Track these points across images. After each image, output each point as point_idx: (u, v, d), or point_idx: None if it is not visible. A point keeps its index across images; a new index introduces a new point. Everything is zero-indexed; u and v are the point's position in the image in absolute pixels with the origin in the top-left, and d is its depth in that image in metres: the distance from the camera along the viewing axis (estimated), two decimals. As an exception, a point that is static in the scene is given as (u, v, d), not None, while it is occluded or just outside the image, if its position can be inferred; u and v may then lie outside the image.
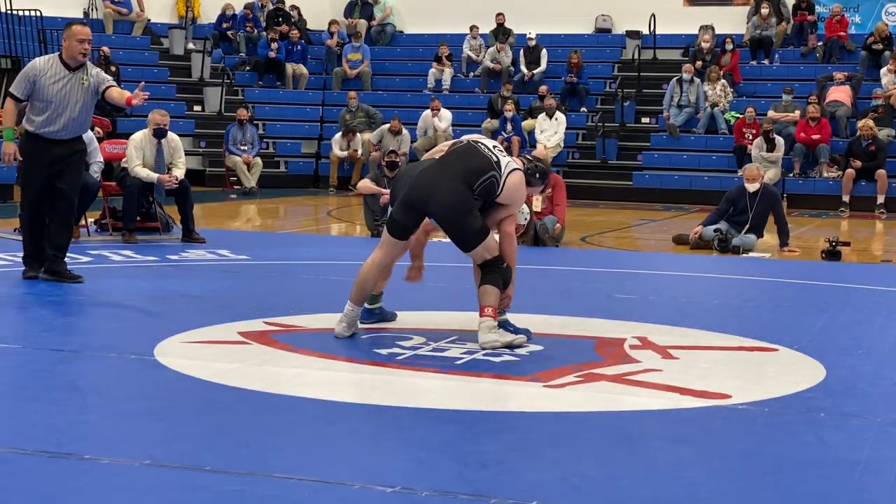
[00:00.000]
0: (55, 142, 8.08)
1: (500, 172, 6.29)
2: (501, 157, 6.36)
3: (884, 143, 17.42)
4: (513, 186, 6.34)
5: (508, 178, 6.31)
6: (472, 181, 6.23)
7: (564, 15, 22.73)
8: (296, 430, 4.61)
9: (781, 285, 9.41)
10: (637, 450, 4.42)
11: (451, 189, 6.21)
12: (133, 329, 6.76)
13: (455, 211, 6.21)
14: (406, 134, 18.54)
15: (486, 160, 6.30)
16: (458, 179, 6.24)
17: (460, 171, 6.27)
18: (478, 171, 6.25)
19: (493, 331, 6.21)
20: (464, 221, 6.21)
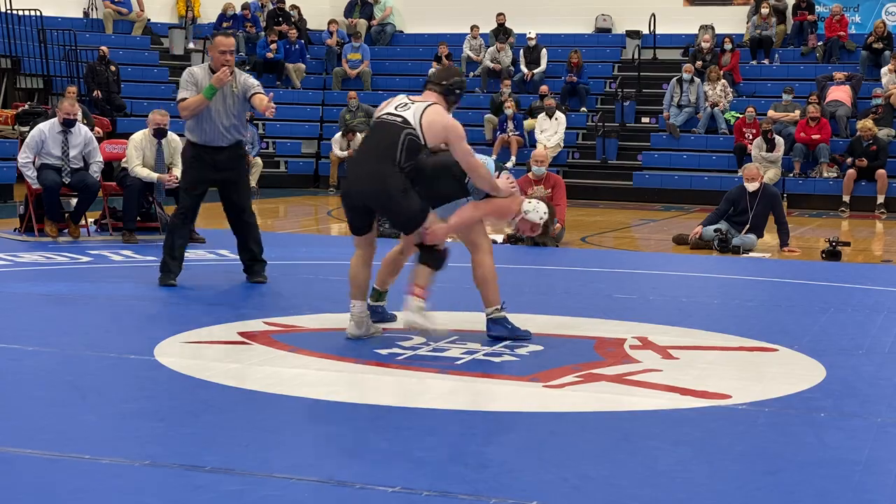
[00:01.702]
0: (214, 149, 8.25)
1: (412, 124, 6.16)
2: (407, 110, 6.23)
3: (885, 142, 17.42)
4: (433, 121, 6.18)
5: (424, 118, 6.19)
6: (392, 154, 6.13)
7: (564, 15, 22.73)
8: (296, 430, 4.61)
9: (781, 285, 9.41)
10: (637, 450, 4.42)
11: (374, 174, 6.15)
12: (133, 329, 6.76)
13: (386, 194, 6.12)
14: None
15: (393, 127, 6.18)
16: (378, 161, 6.16)
17: (376, 153, 6.20)
18: (391, 143, 6.14)
19: (421, 312, 6.25)
20: (398, 204, 6.14)
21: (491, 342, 6.35)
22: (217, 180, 8.32)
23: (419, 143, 6.17)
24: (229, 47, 8.23)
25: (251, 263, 8.56)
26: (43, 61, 19.61)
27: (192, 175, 8.39)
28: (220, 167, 8.33)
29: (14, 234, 11.28)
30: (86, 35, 21.19)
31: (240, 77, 8.33)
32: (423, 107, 6.23)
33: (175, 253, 8.30)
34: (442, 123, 6.21)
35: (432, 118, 6.20)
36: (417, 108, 6.22)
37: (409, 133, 6.15)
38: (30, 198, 11.16)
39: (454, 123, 6.28)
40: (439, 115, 6.22)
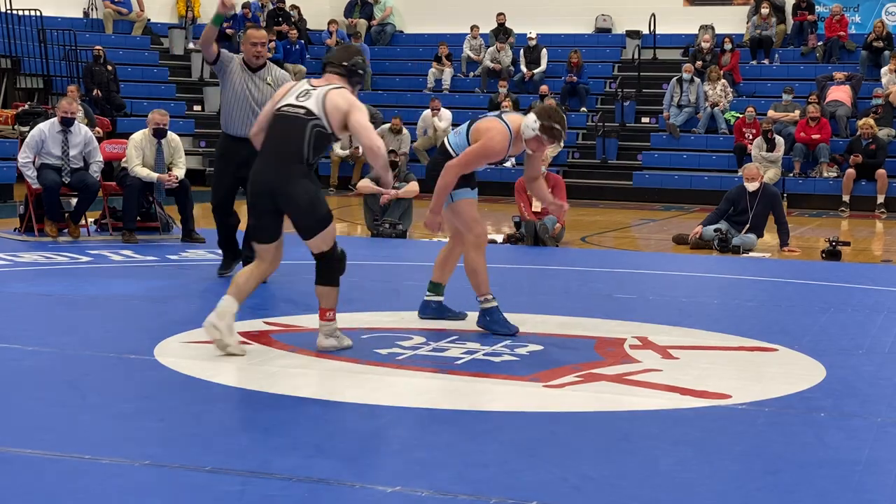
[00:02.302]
0: (242, 141, 8.17)
1: (317, 113, 5.80)
2: (309, 99, 5.85)
3: (884, 142, 17.42)
4: (336, 105, 5.82)
5: (327, 103, 5.82)
6: (299, 152, 5.79)
7: (564, 15, 22.72)
8: (296, 430, 4.61)
9: (781, 285, 9.41)
10: (637, 450, 4.42)
11: (281, 174, 5.80)
12: (133, 329, 6.76)
13: (293, 197, 5.79)
14: (406, 133, 18.53)
15: (297, 120, 5.80)
16: (285, 159, 5.81)
17: (282, 150, 5.83)
18: (297, 138, 5.78)
19: (333, 335, 6.00)
20: (306, 207, 5.82)
21: (491, 342, 6.35)
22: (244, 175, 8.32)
23: (326, 132, 5.82)
24: (260, 39, 8.41)
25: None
26: (43, 61, 19.60)
27: (217, 167, 8.64)
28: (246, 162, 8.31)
29: (14, 234, 11.28)
30: (86, 35, 21.17)
31: (275, 71, 8.48)
32: (325, 91, 5.85)
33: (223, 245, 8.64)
34: (344, 99, 5.83)
35: (335, 101, 5.81)
36: (319, 94, 5.83)
37: (316, 125, 5.80)
38: (30, 198, 11.15)
39: (356, 103, 5.89)
40: (342, 97, 5.83)
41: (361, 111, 5.86)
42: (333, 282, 5.98)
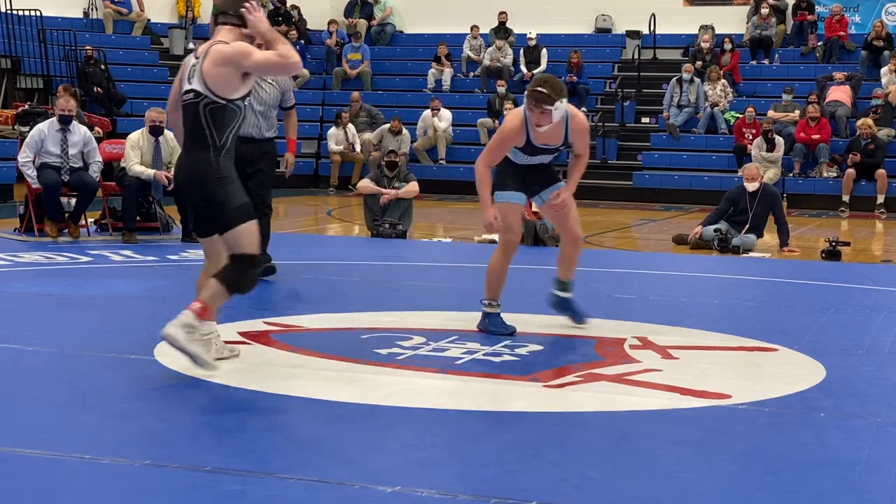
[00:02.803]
0: (248, 140, 8.38)
1: (201, 91, 5.28)
2: (195, 76, 5.31)
3: (883, 141, 17.43)
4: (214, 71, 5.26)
5: (205, 72, 5.26)
6: (202, 137, 5.31)
7: (564, 15, 22.72)
8: (296, 430, 4.61)
9: (781, 285, 9.41)
10: (637, 450, 4.42)
11: (191, 164, 5.38)
12: (133, 329, 6.76)
13: (202, 186, 5.32)
14: (406, 134, 18.53)
15: (190, 107, 5.34)
16: (194, 149, 5.37)
17: (190, 140, 5.39)
18: (197, 124, 5.31)
19: (188, 329, 5.28)
20: (215, 197, 5.30)
21: (491, 342, 6.35)
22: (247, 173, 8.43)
23: (218, 104, 5.27)
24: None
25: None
26: (43, 61, 19.60)
27: None
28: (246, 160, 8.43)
29: (14, 234, 11.28)
30: (86, 35, 21.18)
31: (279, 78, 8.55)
32: (203, 60, 5.29)
33: None
34: (221, 55, 5.24)
35: (212, 68, 5.25)
36: (199, 67, 5.29)
37: (206, 103, 5.28)
38: (30, 198, 11.16)
39: (239, 47, 5.27)
40: (218, 56, 5.25)
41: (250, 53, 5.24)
42: (227, 282, 5.35)
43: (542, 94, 6.33)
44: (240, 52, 5.23)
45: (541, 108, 6.36)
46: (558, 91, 6.37)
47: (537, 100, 6.35)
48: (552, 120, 6.39)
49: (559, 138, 6.61)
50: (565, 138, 6.62)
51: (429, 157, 19.63)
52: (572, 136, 6.62)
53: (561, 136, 6.59)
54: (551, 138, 6.59)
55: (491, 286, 6.68)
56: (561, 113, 6.40)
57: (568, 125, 6.56)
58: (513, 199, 6.68)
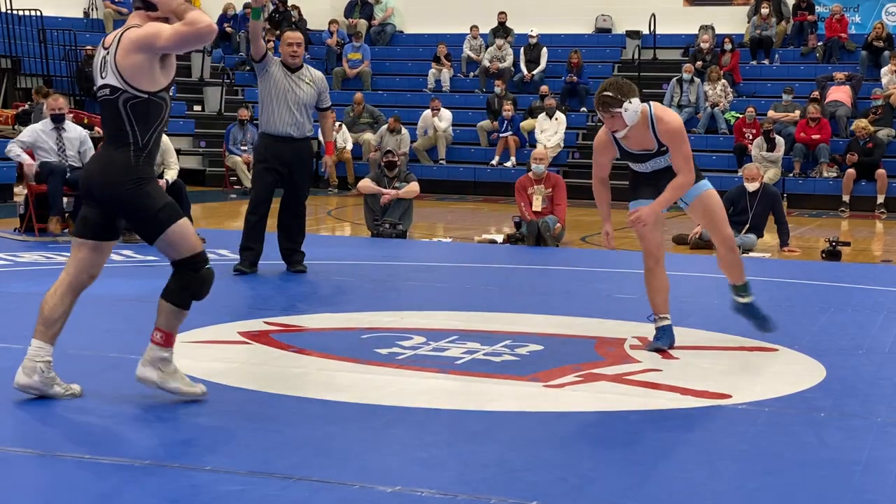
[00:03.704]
0: (281, 139, 8.68)
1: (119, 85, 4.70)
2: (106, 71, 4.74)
3: (882, 141, 17.44)
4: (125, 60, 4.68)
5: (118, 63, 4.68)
6: (122, 133, 4.73)
7: (564, 15, 22.72)
8: (296, 430, 4.61)
9: (781, 285, 9.40)
10: (637, 450, 4.42)
11: (102, 164, 4.81)
12: (133, 329, 6.75)
13: (112, 189, 4.74)
14: (405, 133, 18.52)
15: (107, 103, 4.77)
16: (109, 146, 4.79)
17: (106, 137, 4.85)
18: (115, 118, 4.74)
19: (157, 364, 4.89)
20: (133, 199, 4.73)
21: (491, 342, 6.34)
22: (282, 173, 8.65)
23: (137, 97, 4.69)
24: (296, 40, 8.90)
25: (290, 253, 8.95)
26: (43, 61, 19.61)
27: (258, 167, 8.94)
28: (285, 160, 8.76)
29: (14, 233, 11.28)
30: (86, 35, 21.18)
31: (312, 72, 8.89)
32: (114, 51, 4.71)
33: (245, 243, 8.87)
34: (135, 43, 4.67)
35: (123, 57, 4.69)
36: (110, 60, 4.71)
37: (126, 98, 4.70)
38: (30, 198, 11.15)
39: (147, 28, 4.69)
40: (128, 42, 4.69)
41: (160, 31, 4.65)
42: (180, 301, 4.90)
43: (607, 97, 5.96)
44: (150, 34, 4.64)
45: (609, 112, 5.98)
46: (625, 91, 5.96)
47: (603, 104, 5.99)
48: (626, 123, 5.98)
49: (652, 142, 6.16)
50: (659, 142, 6.16)
51: (429, 157, 19.63)
52: (661, 139, 6.13)
53: (652, 139, 6.14)
54: (643, 143, 6.17)
55: (651, 301, 6.35)
56: (633, 115, 5.97)
57: (654, 127, 6.10)
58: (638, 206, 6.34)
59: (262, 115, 8.84)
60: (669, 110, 6.32)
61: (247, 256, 8.85)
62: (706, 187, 6.43)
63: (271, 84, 8.70)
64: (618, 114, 5.96)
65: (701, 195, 6.38)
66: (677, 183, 6.13)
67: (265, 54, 8.75)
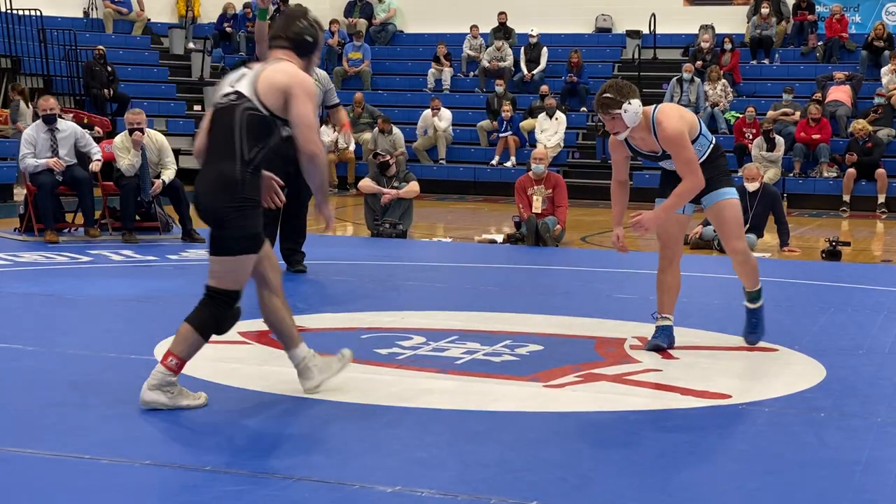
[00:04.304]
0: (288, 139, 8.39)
1: (248, 94, 4.73)
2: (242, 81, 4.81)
3: (881, 140, 17.44)
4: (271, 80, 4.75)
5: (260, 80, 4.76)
6: (230, 147, 4.70)
7: (564, 15, 22.71)
8: (296, 430, 4.61)
9: (781, 285, 9.40)
10: (637, 450, 4.42)
11: (211, 182, 4.75)
12: (133, 329, 6.76)
13: (215, 211, 4.72)
14: (397, 132, 18.40)
15: (226, 110, 4.77)
16: (217, 162, 4.74)
17: (214, 152, 4.78)
18: (227, 131, 4.71)
19: (165, 388, 4.77)
20: (225, 215, 4.69)
21: (491, 342, 6.34)
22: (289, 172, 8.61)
23: (261, 115, 4.72)
24: None
25: (291, 253, 8.96)
26: (43, 61, 19.59)
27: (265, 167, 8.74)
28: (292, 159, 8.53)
29: (14, 234, 11.28)
30: (86, 35, 21.17)
31: (319, 72, 8.85)
32: (261, 68, 4.81)
33: None
34: (286, 74, 4.76)
35: (271, 77, 4.74)
36: (254, 73, 4.79)
37: (246, 108, 4.71)
38: (30, 198, 11.16)
39: (302, 77, 4.80)
40: (281, 72, 4.77)
41: (305, 96, 4.75)
42: (202, 326, 4.82)
43: (606, 98, 5.91)
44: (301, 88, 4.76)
45: (608, 113, 5.91)
46: (625, 93, 5.91)
47: (602, 105, 5.93)
48: (626, 125, 5.92)
49: (656, 145, 6.08)
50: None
51: (429, 156, 19.62)
52: (662, 145, 6.05)
53: (656, 143, 6.07)
54: (648, 145, 6.10)
55: (658, 299, 6.36)
56: (633, 117, 5.91)
57: (656, 133, 6.05)
58: None
59: None
60: (673, 114, 6.13)
61: None
62: (726, 195, 6.25)
63: None
64: (617, 115, 5.90)
65: (718, 203, 6.24)
66: (681, 189, 6.01)
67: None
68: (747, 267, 6.39)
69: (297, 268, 8.91)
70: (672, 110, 6.16)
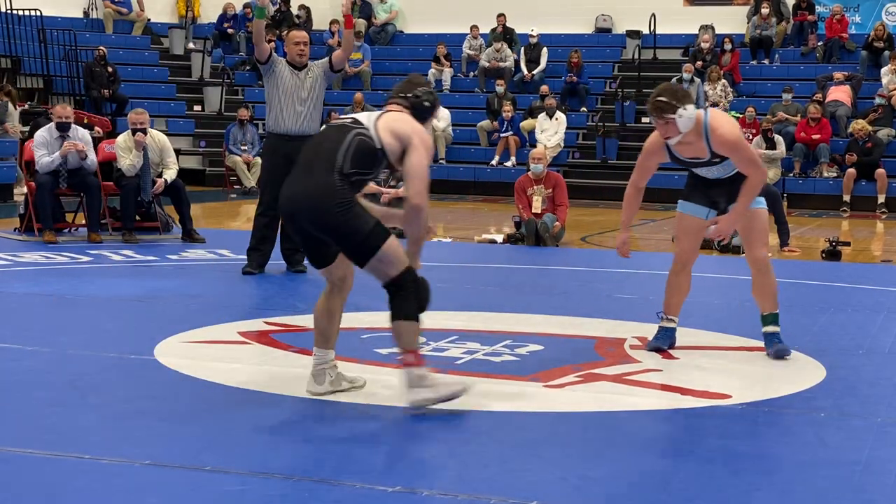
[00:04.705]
0: (288, 138, 8.69)
1: (365, 124, 4.91)
2: (362, 115, 5.04)
3: (881, 140, 17.44)
4: (396, 120, 4.94)
5: (382, 119, 4.94)
6: (332, 158, 4.82)
7: (564, 15, 22.72)
8: (296, 431, 4.61)
9: (782, 285, 9.36)
10: (637, 450, 4.42)
11: (308, 187, 4.85)
12: (133, 329, 6.76)
13: (321, 212, 4.79)
14: None
15: (340, 129, 4.94)
16: (314, 170, 4.86)
17: (313, 160, 4.90)
18: (333, 145, 4.87)
19: (424, 383, 4.86)
20: (341, 223, 4.78)
21: (491, 342, 6.34)
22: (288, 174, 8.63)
23: (372, 145, 4.86)
24: (302, 39, 8.96)
25: (291, 253, 8.94)
26: (43, 61, 19.60)
27: (267, 167, 9.02)
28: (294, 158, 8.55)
29: (14, 234, 11.28)
30: (86, 35, 21.18)
31: (317, 69, 8.92)
32: (384, 111, 5.06)
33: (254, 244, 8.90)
34: (409, 124, 4.96)
35: (395, 117, 4.96)
36: (375, 113, 5.03)
37: (360, 133, 4.87)
38: (30, 197, 11.15)
39: (423, 132, 5.00)
40: (404, 121, 4.96)
41: (424, 149, 4.91)
42: (409, 314, 4.87)
43: (662, 102, 5.72)
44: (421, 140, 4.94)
45: (663, 118, 5.73)
46: (680, 97, 5.73)
47: (656, 109, 5.74)
48: (680, 130, 5.74)
49: (704, 151, 5.91)
50: (711, 152, 5.90)
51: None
52: (716, 150, 5.86)
53: (705, 149, 5.89)
54: (695, 151, 5.93)
55: (665, 300, 6.32)
56: (688, 122, 5.73)
57: (708, 138, 5.84)
58: (692, 211, 6.23)
59: (269, 115, 8.86)
60: (725, 118, 6.00)
61: (255, 258, 8.85)
62: (756, 204, 6.11)
63: (278, 84, 8.74)
64: (671, 120, 5.73)
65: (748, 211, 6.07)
66: (749, 185, 5.88)
67: (270, 55, 8.76)
68: (766, 281, 6.23)
69: (297, 268, 8.91)
70: (723, 116, 6.03)
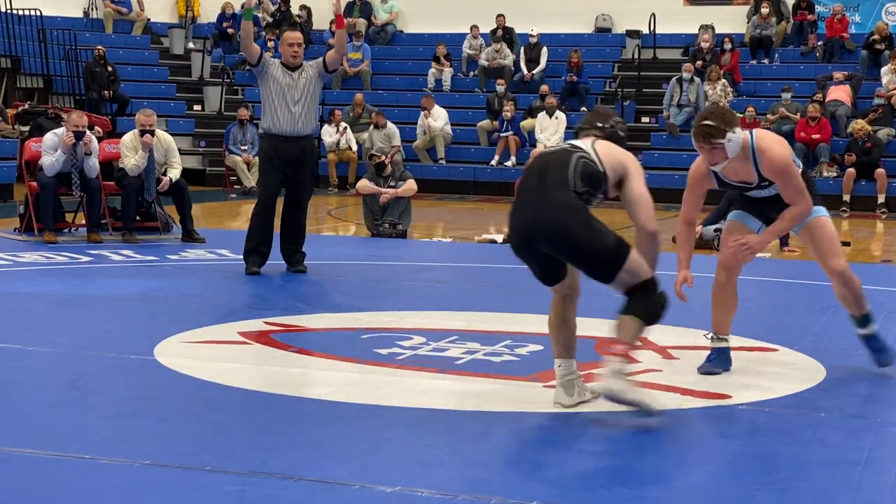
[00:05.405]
0: (284, 139, 8.77)
1: (585, 149, 4.98)
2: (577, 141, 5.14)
3: (881, 140, 17.44)
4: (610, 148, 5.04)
5: (598, 145, 5.03)
6: (563, 178, 4.83)
7: (564, 14, 22.71)
8: (296, 430, 4.61)
9: (781, 285, 9.40)
10: (637, 450, 4.42)
11: (544, 205, 4.80)
12: (133, 329, 6.76)
13: (563, 229, 4.74)
14: (391, 127, 18.39)
15: (562, 153, 4.99)
16: (547, 191, 4.83)
17: (544, 182, 4.87)
18: (560, 167, 4.88)
19: (622, 376, 4.77)
20: (583, 239, 4.75)
21: (491, 342, 6.34)
22: (287, 172, 8.73)
23: (595, 167, 4.89)
24: (296, 40, 8.99)
25: (291, 253, 8.97)
26: (43, 61, 19.60)
27: (262, 167, 9.06)
28: (289, 159, 8.80)
29: (14, 234, 11.27)
30: (86, 35, 21.17)
31: (311, 69, 8.91)
32: (593, 140, 5.09)
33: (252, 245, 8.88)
34: (622, 152, 5.04)
35: (607, 145, 5.03)
36: (587, 141, 5.07)
37: (582, 156, 4.91)
38: (30, 197, 11.15)
39: (635, 159, 5.14)
40: (615, 148, 5.05)
41: (641, 177, 5.06)
42: (640, 314, 4.84)
43: (710, 126, 5.43)
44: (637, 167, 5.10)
45: (710, 143, 5.44)
46: (728, 121, 5.42)
47: (703, 135, 5.46)
48: (727, 155, 5.44)
49: (752, 175, 5.60)
50: (760, 176, 5.59)
51: (429, 156, 19.62)
52: (765, 174, 5.56)
53: (752, 172, 5.58)
54: (742, 175, 5.63)
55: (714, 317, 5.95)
56: (736, 146, 5.42)
57: (757, 161, 5.54)
58: (744, 220, 5.92)
59: (264, 115, 8.87)
60: (774, 139, 5.67)
61: (255, 260, 8.84)
62: (817, 214, 5.85)
63: (272, 85, 8.75)
64: (720, 145, 5.42)
65: (809, 222, 5.83)
66: (793, 213, 5.62)
67: (260, 57, 8.78)
68: (850, 289, 5.93)
69: (297, 268, 8.91)
70: (770, 137, 5.70)
